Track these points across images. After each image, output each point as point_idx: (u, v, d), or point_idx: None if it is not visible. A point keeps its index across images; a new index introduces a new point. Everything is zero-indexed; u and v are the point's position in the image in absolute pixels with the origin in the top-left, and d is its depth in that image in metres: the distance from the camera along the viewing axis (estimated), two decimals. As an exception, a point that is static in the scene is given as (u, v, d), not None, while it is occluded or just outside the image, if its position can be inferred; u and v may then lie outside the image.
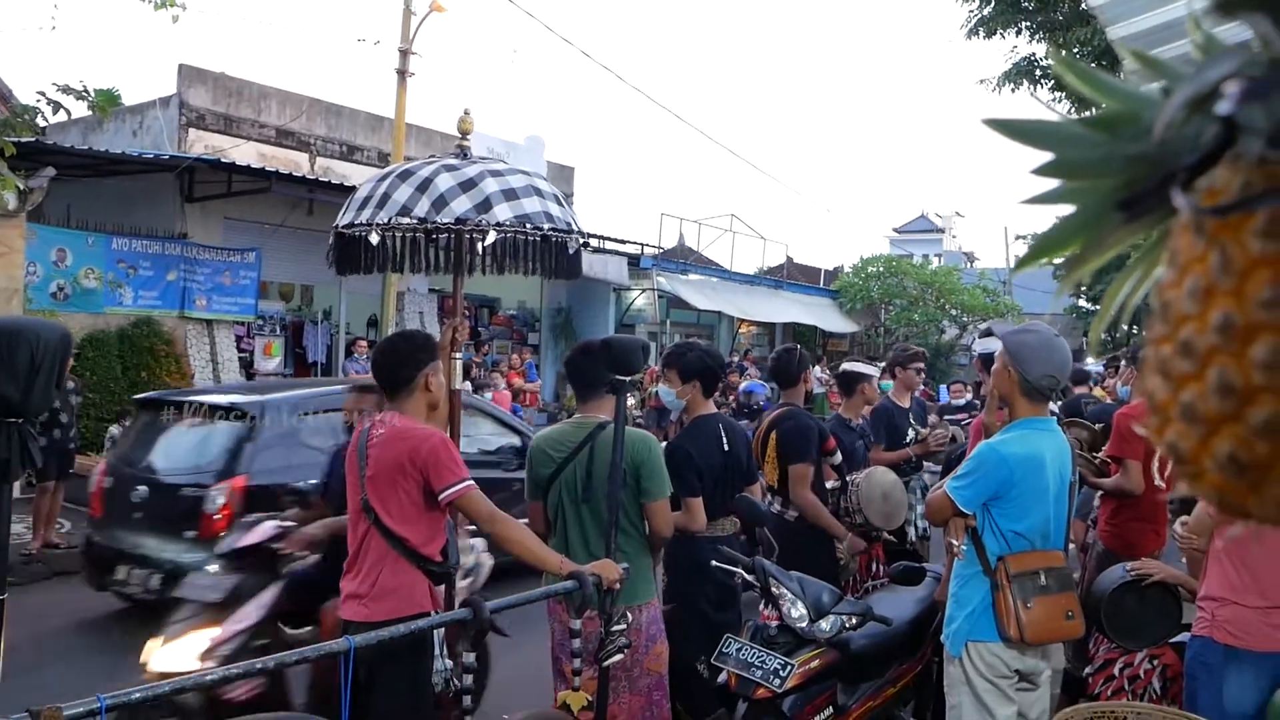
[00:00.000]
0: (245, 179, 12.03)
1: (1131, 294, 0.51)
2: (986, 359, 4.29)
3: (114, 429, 10.14)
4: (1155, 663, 4.06)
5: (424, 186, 3.44)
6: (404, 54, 13.36)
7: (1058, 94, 13.93)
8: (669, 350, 4.55)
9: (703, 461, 4.05)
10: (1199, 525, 3.61)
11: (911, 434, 5.84)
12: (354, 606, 3.13)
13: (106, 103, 9.19)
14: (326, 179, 12.94)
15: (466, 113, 3.94)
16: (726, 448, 4.16)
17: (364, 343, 13.68)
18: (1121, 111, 0.45)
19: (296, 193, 12.76)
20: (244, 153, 13.19)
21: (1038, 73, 13.86)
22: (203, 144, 13.05)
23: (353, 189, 12.46)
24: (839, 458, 5.06)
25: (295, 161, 13.99)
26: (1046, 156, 0.47)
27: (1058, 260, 0.72)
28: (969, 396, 10.60)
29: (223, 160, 11.80)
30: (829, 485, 4.95)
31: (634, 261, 18.15)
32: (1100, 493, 5.15)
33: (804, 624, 3.61)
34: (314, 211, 13.31)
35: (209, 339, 12.81)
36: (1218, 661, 3.42)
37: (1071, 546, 4.18)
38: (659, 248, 19.69)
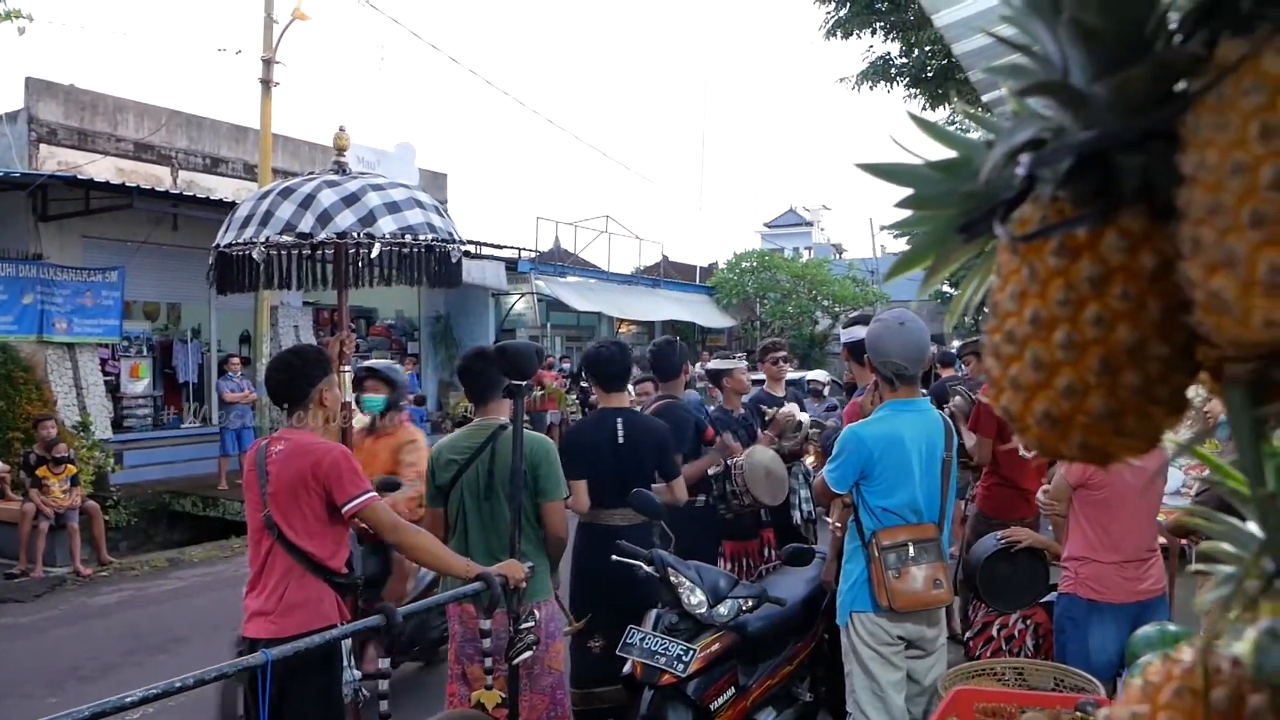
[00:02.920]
0: (104, 195, 11.55)
1: (974, 294, 0.65)
2: (852, 347, 4.55)
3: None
4: (1028, 622, 4.37)
5: (307, 203, 3.46)
6: (267, 63, 13.06)
7: (913, 90, 14.58)
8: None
9: (591, 449, 4.31)
10: (1058, 492, 3.92)
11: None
12: (261, 624, 3.13)
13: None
14: (191, 193, 12.54)
15: (342, 129, 3.97)
16: (621, 440, 4.30)
17: (237, 360, 13.31)
18: (958, 158, 0.59)
19: (159, 208, 12.32)
20: (101, 168, 12.66)
21: (893, 71, 14.44)
22: (55, 160, 12.47)
23: (219, 203, 12.03)
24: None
25: (156, 176, 13.50)
26: (906, 191, 0.61)
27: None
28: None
29: (79, 177, 11.30)
30: (711, 471, 5.13)
31: (511, 266, 18.13)
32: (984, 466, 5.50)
33: (703, 610, 3.76)
34: (179, 227, 12.87)
35: (71, 363, 12.24)
36: (1082, 615, 3.73)
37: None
38: (536, 251, 19.71)
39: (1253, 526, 0.61)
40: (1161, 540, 4.10)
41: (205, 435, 13.58)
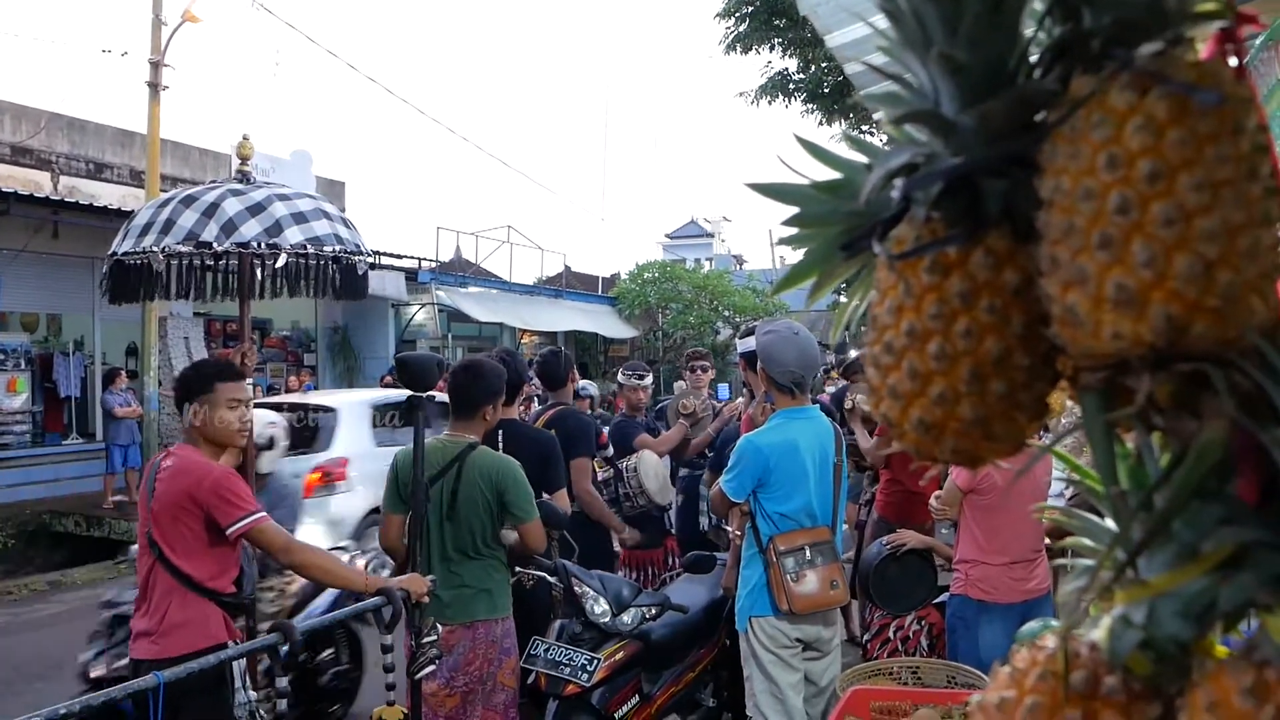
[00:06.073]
0: (-23, 201, 11.02)
1: (857, 308, 0.69)
2: (748, 357, 4.64)
3: None
4: (923, 623, 4.51)
5: (210, 211, 3.38)
6: (155, 66, 12.62)
7: (810, 106, 14.93)
8: None
9: None
10: (949, 497, 4.06)
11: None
12: (144, 645, 3.01)
13: None
14: (73, 200, 12.03)
15: (246, 137, 3.89)
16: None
17: (124, 374, 12.79)
18: (841, 179, 0.62)
19: (39, 215, 11.79)
20: (-26, 173, 12.08)
21: (790, 87, 14.77)
22: (-77, 164, 11.87)
23: (103, 210, 11.53)
24: (610, 451, 5.43)
25: (35, 181, 12.93)
26: (793, 210, 0.64)
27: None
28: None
29: (-51, 181, 10.76)
30: (600, 476, 5.18)
31: (411, 276, 17.87)
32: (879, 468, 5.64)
33: (607, 619, 3.78)
34: (59, 235, 12.35)
35: (-60, 378, 11.64)
36: (973, 615, 3.87)
37: (845, 527, 4.56)
38: (436, 261, 19.47)
39: (1109, 522, 0.66)
40: (1046, 540, 4.27)
41: (89, 452, 13.01)
